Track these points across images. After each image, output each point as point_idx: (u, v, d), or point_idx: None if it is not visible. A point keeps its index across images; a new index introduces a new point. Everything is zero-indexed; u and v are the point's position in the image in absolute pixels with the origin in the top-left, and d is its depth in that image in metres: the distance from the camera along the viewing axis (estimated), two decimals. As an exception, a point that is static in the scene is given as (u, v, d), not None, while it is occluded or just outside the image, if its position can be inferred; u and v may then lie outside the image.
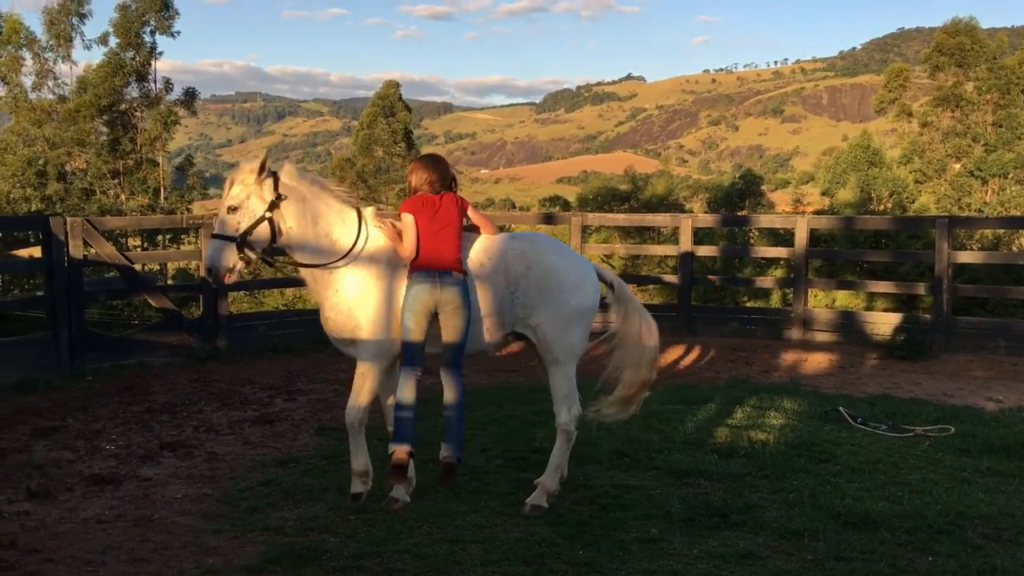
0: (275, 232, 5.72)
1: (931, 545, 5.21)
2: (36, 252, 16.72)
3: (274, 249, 5.93)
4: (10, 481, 6.44)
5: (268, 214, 5.68)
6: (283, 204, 5.72)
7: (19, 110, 44.31)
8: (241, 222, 5.66)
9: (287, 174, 5.80)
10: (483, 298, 5.82)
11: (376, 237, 5.91)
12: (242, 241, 5.65)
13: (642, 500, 5.95)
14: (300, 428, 7.99)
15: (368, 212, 6.03)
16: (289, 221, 5.75)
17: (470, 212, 5.97)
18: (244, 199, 5.67)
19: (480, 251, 5.92)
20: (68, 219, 10.39)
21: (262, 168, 5.68)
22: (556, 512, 5.79)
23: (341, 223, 5.88)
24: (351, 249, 5.82)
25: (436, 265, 5.67)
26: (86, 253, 10.53)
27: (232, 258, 5.66)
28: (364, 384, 5.92)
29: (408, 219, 5.79)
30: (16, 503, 6.00)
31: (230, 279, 5.72)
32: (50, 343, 9.96)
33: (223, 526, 5.59)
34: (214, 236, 5.73)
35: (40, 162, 41.98)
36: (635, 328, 6.08)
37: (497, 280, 5.83)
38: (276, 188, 5.71)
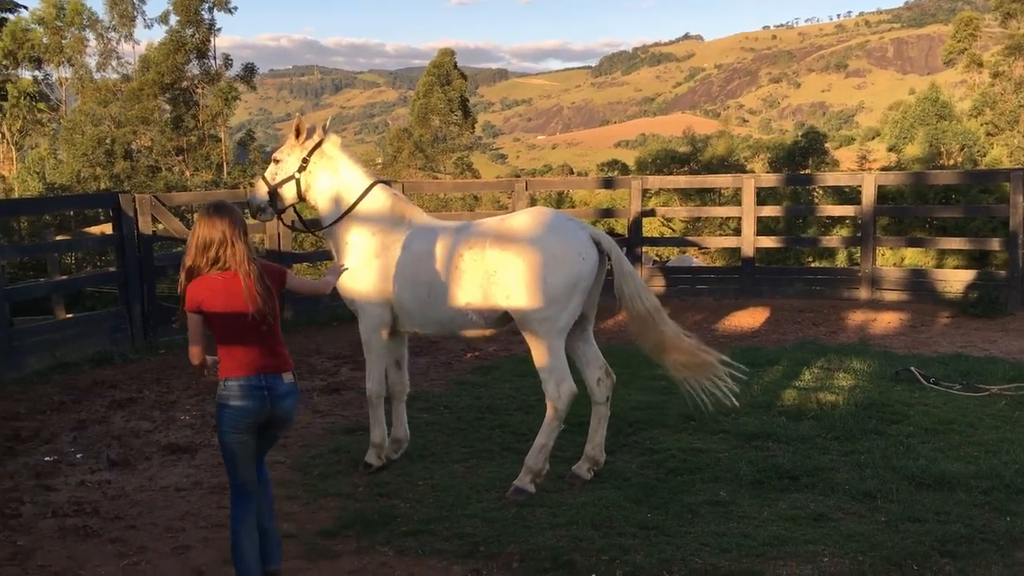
0: (299, 192, 6.13)
1: (1008, 505, 5.09)
2: (107, 229, 17.14)
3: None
4: (91, 451, 6.67)
5: (297, 175, 6.09)
6: (315, 169, 6.10)
7: (85, 90, 45.37)
8: (277, 174, 6.17)
9: (331, 143, 6.15)
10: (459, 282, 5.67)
11: (374, 204, 6.00)
12: (273, 190, 6.14)
13: (710, 463, 5.92)
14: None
15: (380, 187, 6.11)
16: (317, 186, 6.12)
17: (290, 281, 4.43)
18: (287, 156, 6.14)
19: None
20: (137, 196, 10.62)
21: (298, 131, 6.09)
22: (623, 476, 5.79)
23: (353, 196, 6.07)
24: (344, 214, 6.03)
25: (259, 368, 4.12)
26: (155, 229, 10.77)
27: (263, 201, 6.21)
28: (368, 354, 6.11)
29: (192, 320, 4.11)
30: (98, 472, 6.21)
31: (261, 217, 6.38)
32: (123, 317, 10.23)
33: (296, 492, 5.71)
34: (262, 176, 6.29)
35: (108, 141, 42.95)
36: (633, 308, 5.67)
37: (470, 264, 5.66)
38: (311, 154, 6.08)
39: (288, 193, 6.15)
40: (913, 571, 4.39)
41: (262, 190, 6.18)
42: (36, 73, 45.22)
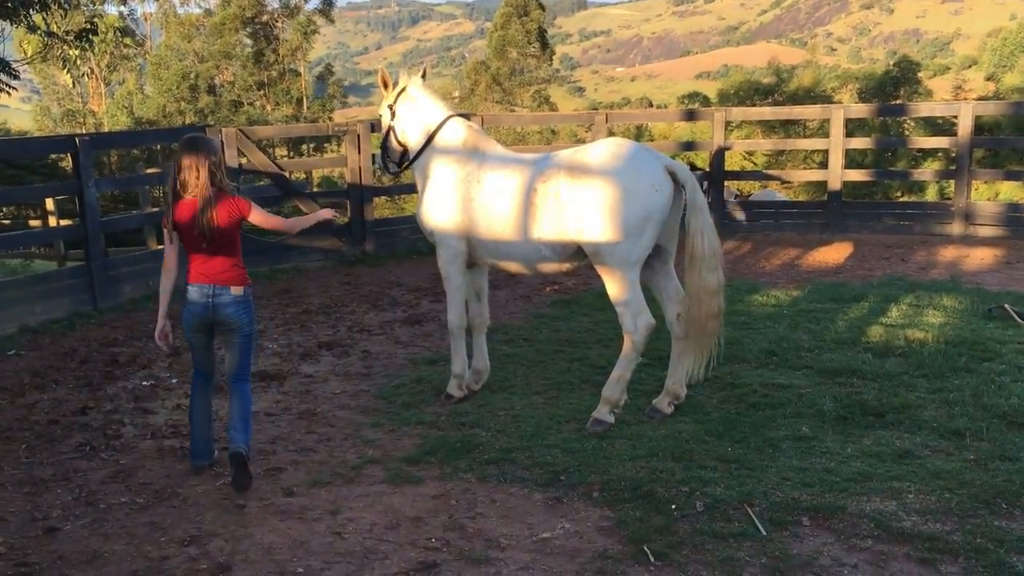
0: (398, 139, 6.24)
1: (1107, 447, 4.93)
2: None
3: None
4: (185, 376, 6.93)
5: (392, 123, 6.25)
6: (402, 113, 6.19)
7: (169, 25, 46.11)
8: (382, 130, 6.40)
9: (414, 86, 6.23)
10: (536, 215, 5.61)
11: (450, 137, 6.01)
12: (382, 145, 6.35)
13: (792, 399, 5.86)
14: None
15: (455, 120, 6.13)
16: (407, 128, 6.20)
17: (254, 216, 4.99)
18: (382, 110, 6.32)
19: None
20: (223, 130, 10.82)
21: (384, 83, 6.24)
22: (703, 410, 5.78)
23: (432, 130, 6.12)
24: (421, 149, 6.10)
25: (208, 279, 4.87)
26: (240, 162, 10.96)
27: (379, 159, 6.47)
28: (447, 286, 6.14)
29: (167, 232, 4.94)
30: (192, 397, 6.45)
31: (387, 176, 6.66)
32: (212, 249, 10.49)
33: (380, 420, 5.86)
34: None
35: (192, 76, 43.73)
36: (692, 244, 5.45)
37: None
38: (396, 101, 6.21)
39: (392, 144, 6.27)
40: (1003, 509, 4.31)
41: (377, 150, 6.37)
42: (121, 8, 46.05)
